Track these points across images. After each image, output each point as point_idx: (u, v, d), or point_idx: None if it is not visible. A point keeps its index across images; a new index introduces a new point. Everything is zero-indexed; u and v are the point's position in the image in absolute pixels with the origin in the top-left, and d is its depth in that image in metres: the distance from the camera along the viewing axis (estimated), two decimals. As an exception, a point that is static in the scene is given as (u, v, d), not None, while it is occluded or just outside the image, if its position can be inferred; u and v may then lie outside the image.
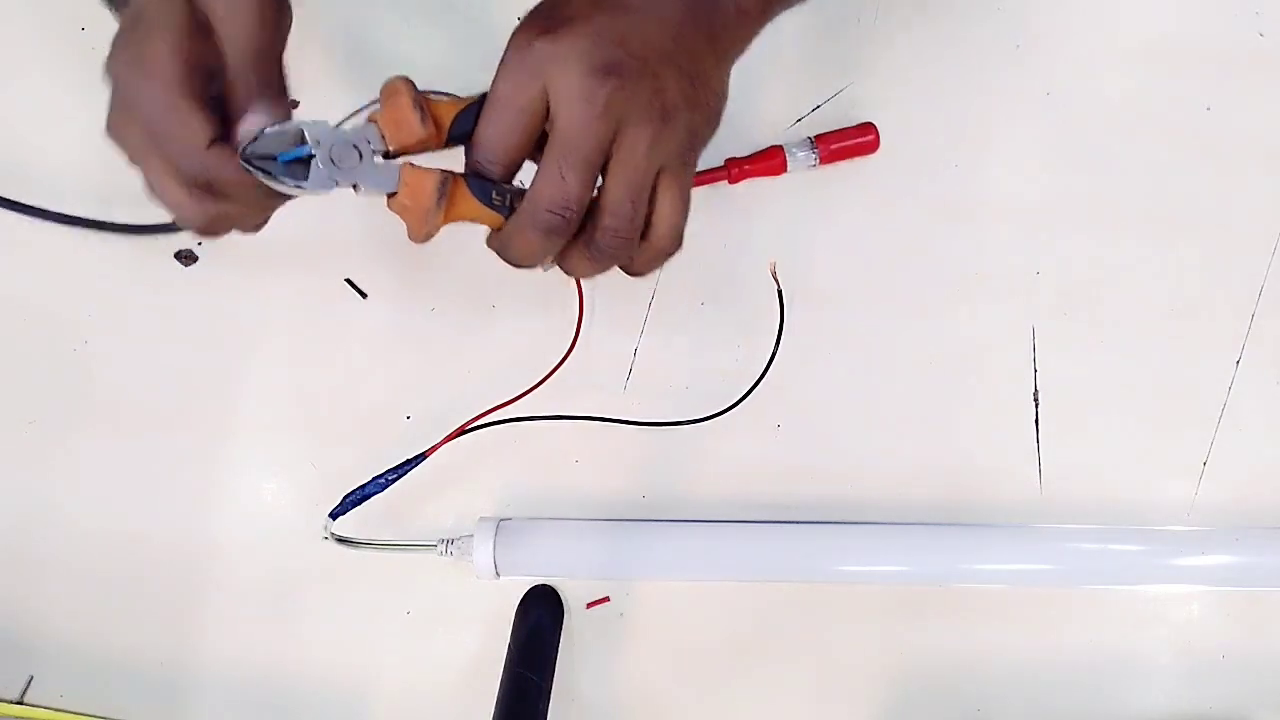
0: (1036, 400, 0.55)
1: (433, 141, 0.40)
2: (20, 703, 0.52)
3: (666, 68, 0.39)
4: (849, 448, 0.54)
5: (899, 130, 0.56)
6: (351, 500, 0.49)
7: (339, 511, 0.49)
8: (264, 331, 0.55)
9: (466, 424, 0.51)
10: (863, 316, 0.55)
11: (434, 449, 0.50)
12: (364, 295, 0.56)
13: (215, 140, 0.37)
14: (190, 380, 0.55)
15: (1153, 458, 0.55)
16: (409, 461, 0.50)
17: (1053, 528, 0.53)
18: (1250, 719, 0.53)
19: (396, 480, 0.50)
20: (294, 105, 0.55)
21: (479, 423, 0.51)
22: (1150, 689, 0.53)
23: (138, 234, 0.54)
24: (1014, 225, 0.56)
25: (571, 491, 0.54)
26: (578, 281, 0.52)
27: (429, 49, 0.57)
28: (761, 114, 0.56)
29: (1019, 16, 0.58)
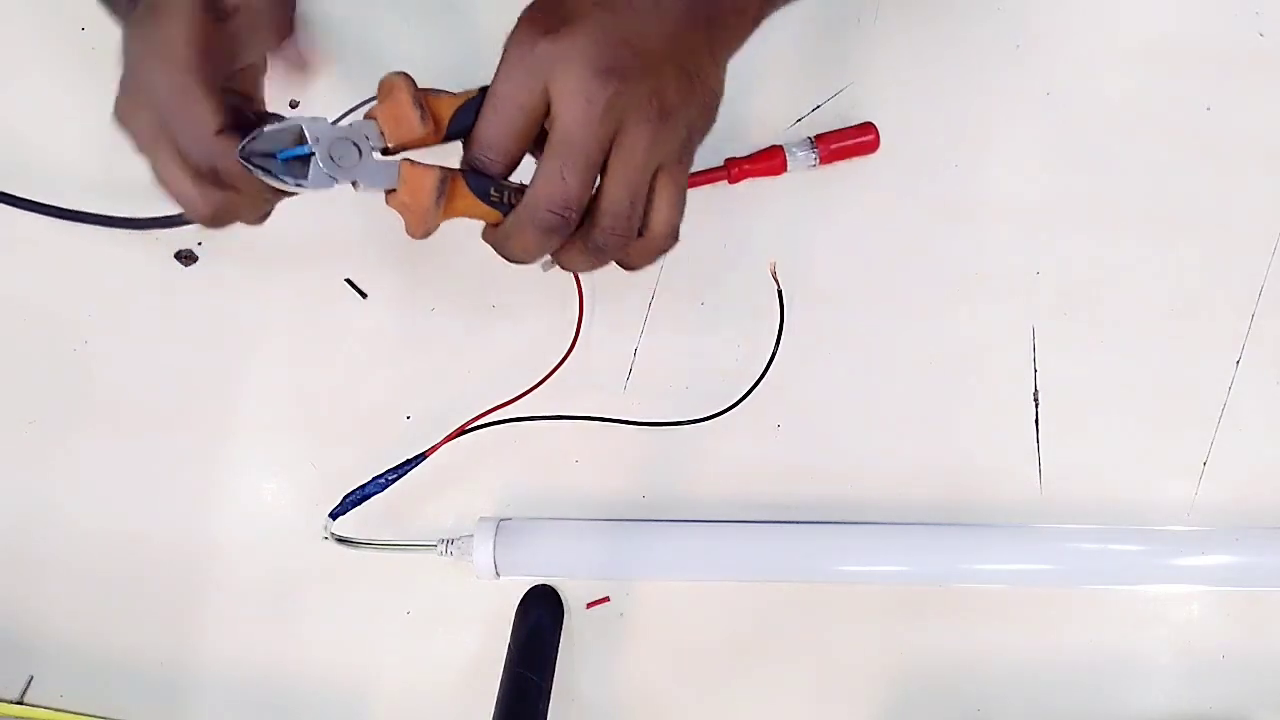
0: (1036, 400, 0.55)
1: (432, 138, 0.40)
2: (20, 703, 0.52)
3: (666, 66, 0.39)
4: (849, 448, 0.54)
5: (899, 130, 0.56)
6: (351, 500, 0.49)
7: (339, 511, 0.49)
8: (264, 331, 0.55)
9: (466, 424, 0.51)
10: (863, 316, 0.55)
11: (434, 449, 0.50)
12: (364, 295, 0.56)
13: (223, 129, 0.37)
14: (190, 380, 0.55)
15: (1153, 458, 0.55)
16: (409, 461, 0.50)
17: (1053, 528, 0.53)
18: (1250, 719, 0.53)
19: (396, 480, 0.50)
20: (294, 105, 0.56)
21: (479, 423, 0.51)
22: (1150, 689, 0.53)
23: (137, 228, 0.54)
24: (1014, 225, 0.56)
25: (571, 491, 0.54)
26: (578, 282, 0.52)
27: (428, 47, 0.57)
28: (761, 114, 0.56)
29: (1019, 16, 0.58)
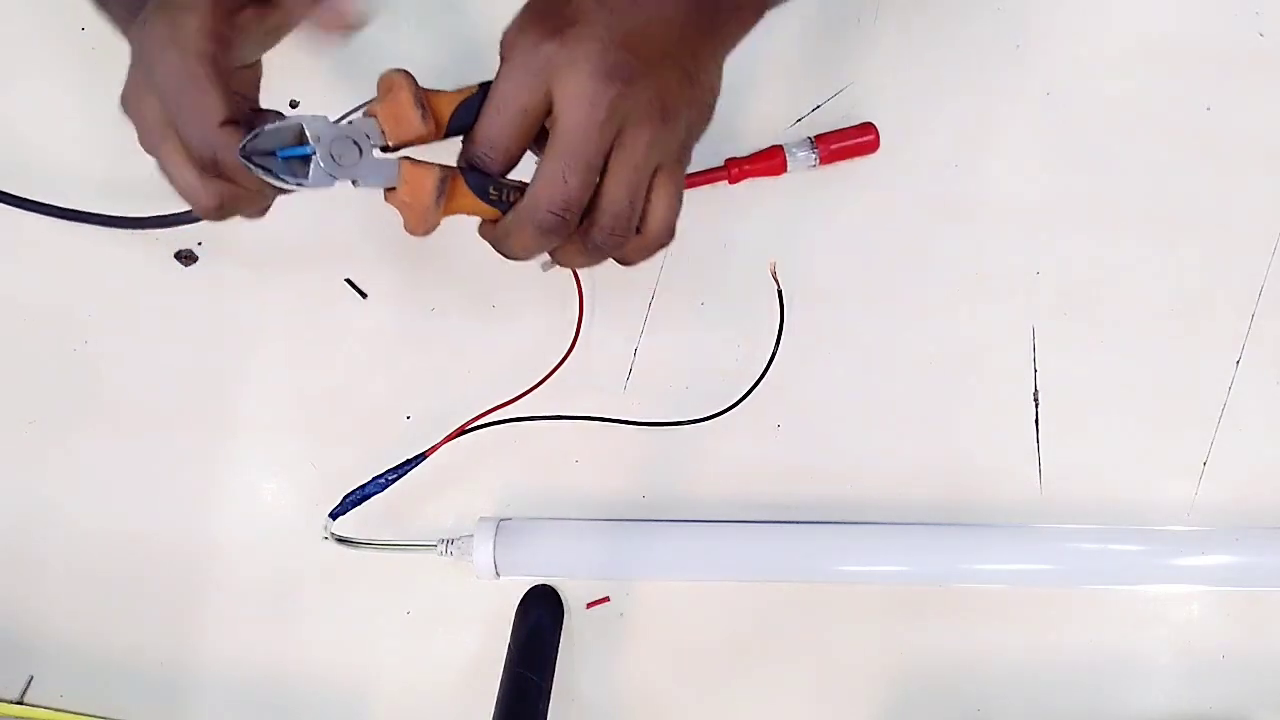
0: (1036, 400, 0.55)
1: (432, 136, 0.40)
2: (20, 703, 0.52)
3: (667, 67, 0.39)
4: (849, 448, 0.54)
5: (899, 130, 0.56)
6: (351, 500, 0.49)
7: (339, 511, 0.49)
8: (264, 331, 0.55)
9: (466, 424, 0.51)
10: (863, 316, 0.55)
11: (434, 449, 0.50)
12: (364, 295, 0.56)
13: (227, 120, 0.38)
14: (190, 380, 0.55)
15: (1153, 458, 0.55)
16: (409, 461, 0.50)
17: (1053, 528, 0.53)
18: (1250, 719, 0.53)
19: (396, 480, 0.50)
20: (294, 105, 0.56)
21: (479, 423, 0.51)
22: (1150, 689, 0.53)
23: (137, 228, 0.54)
24: (1014, 225, 0.56)
25: (571, 491, 0.54)
26: (578, 281, 0.52)
27: (427, 45, 0.57)
28: (761, 114, 0.56)
29: (1019, 16, 0.58)
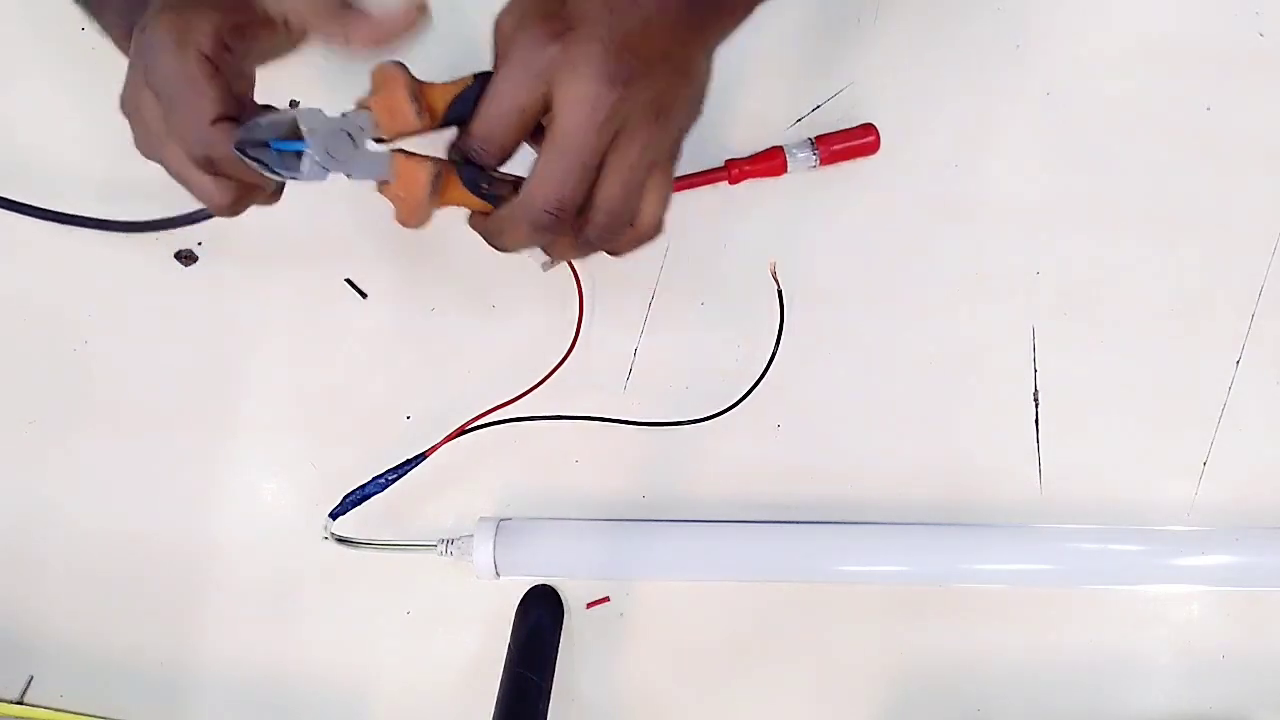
0: (1036, 400, 0.55)
1: (426, 129, 0.40)
2: (20, 703, 0.52)
3: (665, 67, 0.39)
4: (849, 448, 0.54)
5: (899, 130, 0.56)
6: (351, 500, 0.49)
7: (339, 511, 0.49)
8: (264, 331, 0.55)
9: (466, 424, 0.51)
10: (863, 316, 0.55)
11: (434, 449, 0.50)
12: (364, 295, 0.56)
13: (220, 118, 0.38)
14: (190, 380, 0.55)
15: (1153, 458, 0.55)
16: (409, 461, 0.50)
17: (1053, 528, 0.53)
18: (1250, 719, 0.53)
19: (396, 480, 0.50)
20: (294, 105, 0.56)
21: (479, 423, 0.51)
22: (1150, 689, 0.53)
23: (137, 231, 0.54)
24: (1014, 225, 0.56)
25: (571, 491, 0.54)
26: (578, 281, 0.52)
27: (424, 41, 0.57)
28: (761, 114, 0.56)
29: (1019, 16, 0.58)
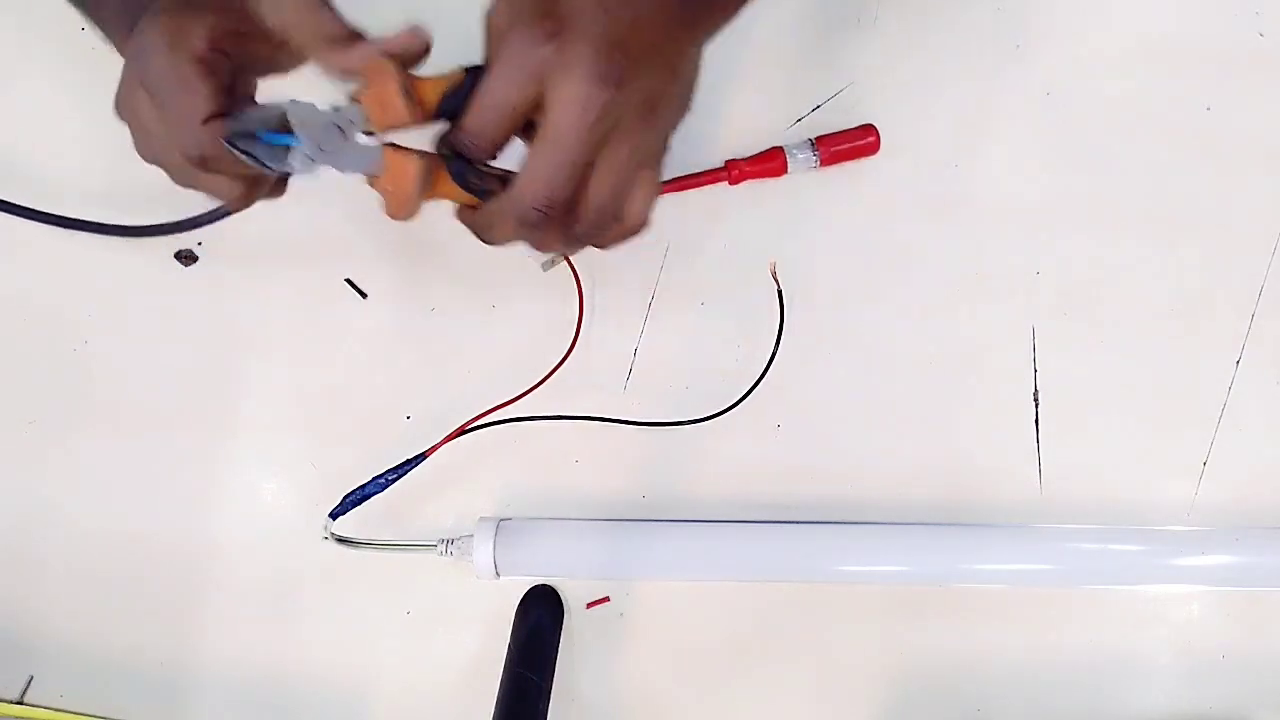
0: (1036, 400, 0.55)
1: (417, 123, 0.40)
2: (20, 703, 0.52)
3: (656, 66, 0.39)
4: (849, 448, 0.54)
5: (899, 130, 0.56)
6: (351, 500, 0.49)
7: (339, 511, 0.49)
8: (264, 331, 0.55)
9: (466, 424, 0.51)
10: (863, 316, 0.55)
11: (434, 449, 0.50)
12: (364, 295, 0.56)
13: (211, 118, 0.38)
14: (190, 380, 0.55)
15: (1153, 458, 0.55)
16: (409, 461, 0.50)
17: (1053, 528, 0.53)
18: (1250, 719, 0.53)
19: (396, 480, 0.50)
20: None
21: (479, 423, 0.51)
22: (1150, 689, 0.53)
23: (136, 236, 0.54)
24: (1014, 225, 0.56)
25: (571, 491, 0.54)
26: (578, 281, 0.52)
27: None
28: (761, 114, 0.56)
29: (1019, 16, 0.58)
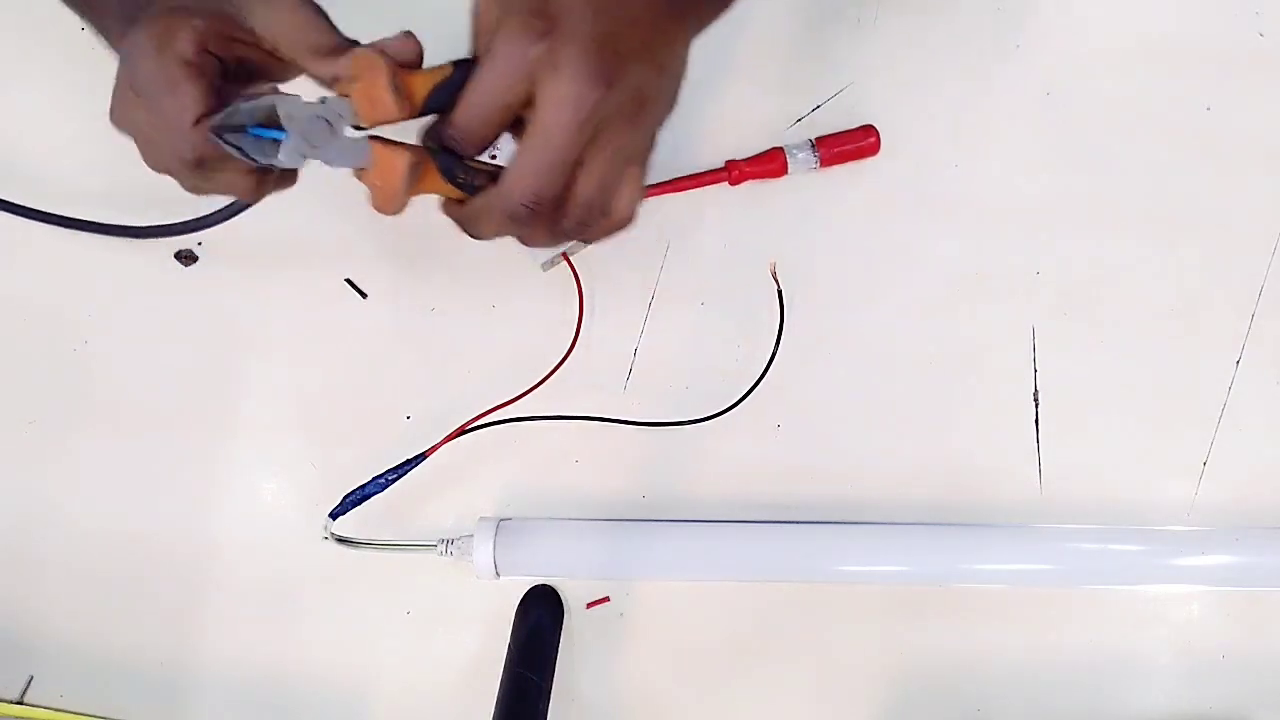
0: (1036, 400, 0.55)
1: (405, 118, 0.40)
2: (20, 703, 0.52)
3: (645, 64, 0.39)
4: (849, 448, 0.54)
5: (899, 130, 0.56)
6: (351, 500, 0.49)
7: (339, 511, 0.49)
8: (264, 331, 0.55)
9: (466, 424, 0.51)
10: (863, 316, 0.55)
11: (434, 449, 0.50)
12: (364, 295, 0.56)
13: (204, 117, 0.38)
14: (190, 380, 0.55)
15: (1153, 458, 0.55)
16: (409, 461, 0.50)
17: (1053, 528, 0.53)
18: (1250, 719, 0.53)
19: (396, 480, 0.50)
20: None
21: (479, 423, 0.51)
22: (1150, 689, 0.53)
23: (137, 236, 0.54)
24: (1014, 225, 0.56)
25: (571, 491, 0.54)
26: (578, 281, 0.52)
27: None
28: (762, 114, 0.56)
29: (1019, 16, 0.58)
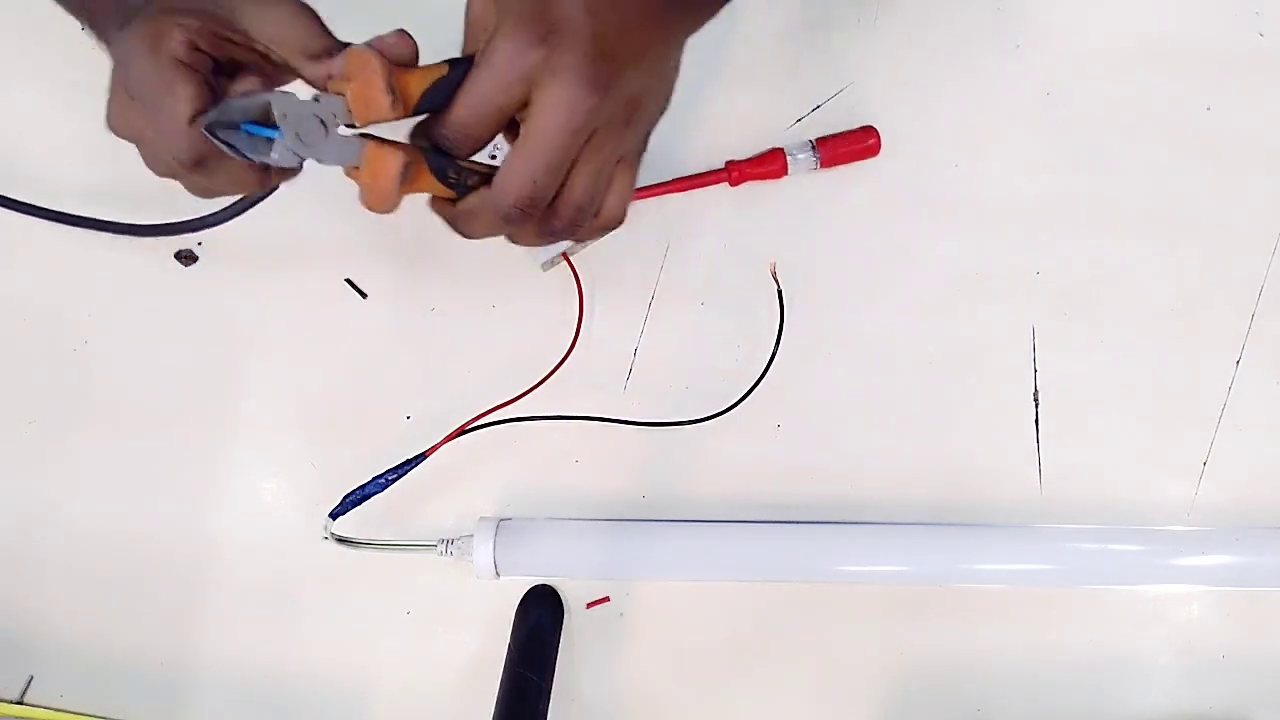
0: (1036, 400, 0.55)
1: (399, 117, 0.40)
2: (20, 703, 0.52)
3: (640, 68, 0.39)
4: (849, 448, 0.54)
5: (899, 130, 0.56)
6: (351, 500, 0.49)
7: (339, 511, 0.49)
8: (264, 331, 0.55)
9: (466, 424, 0.51)
10: (863, 316, 0.55)
11: (434, 449, 0.50)
12: (364, 295, 0.56)
13: (197, 115, 0.38)
14: (190, 380, 0.55)
15: (1153, 458, 0.55)
16: (409, 461, 0.50)
17: (1053, 528, 0.53)
18: (1250, 719, 0.53)
19: (396, 480, 0.50)
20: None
21: (479, 423, 0.51)
22: (1150, 689, 0.53)
23: (138, 235, 0.54)
24: (1014, 225, 0.56)
25: (571, 491, 0.54)
26: (578, 282, 0.52)
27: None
28: (762, 114, 0.56)
29: (1019, 16, 0.58)
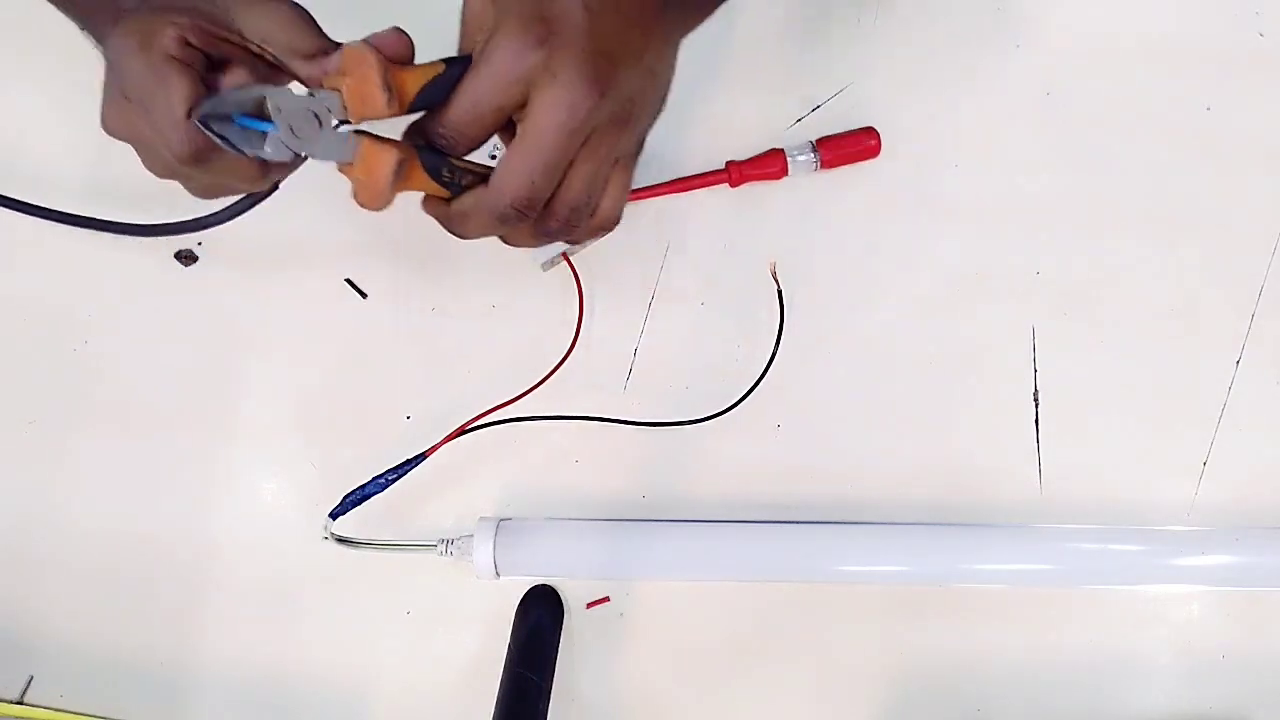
0: (1036, 400, 0.55)
1: (394, 114, 0.39)
2: (20, 703, 0.52)
3: (637, 70, 0.39)
4: (849, 448, 0.54)
5: (899, 130, 0.56)
6: (351, 500, 0.49)
7: (339, 511, 0.49)
8: (264, 331, 0.55)
9: (466, 424, 0.51)
10: (863, 316, 0.55)
11: (434, 449, 0.50)
12: (364, 295, 0.56)
13: (193, 109, 0.37)
14: (190, 380, 0.55)
15: (1153, 458, 0.55)
16: (409, 461, 0.50)
17: (1053, 528, 0.53)
18: (1250, 719, 0.53)
19: (396, 480, 0.50)
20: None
21: (479, 423, 0.51)
22: (1150, 689, 0.53)
23: (139, 234, 0.54)
24: (1014, 225, 0.56)
25: (571, 491, 0.54)
26: (578, 282, 0.52)
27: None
28: (762, 114, 0.56)
29: (1019, 16, 0.58)
